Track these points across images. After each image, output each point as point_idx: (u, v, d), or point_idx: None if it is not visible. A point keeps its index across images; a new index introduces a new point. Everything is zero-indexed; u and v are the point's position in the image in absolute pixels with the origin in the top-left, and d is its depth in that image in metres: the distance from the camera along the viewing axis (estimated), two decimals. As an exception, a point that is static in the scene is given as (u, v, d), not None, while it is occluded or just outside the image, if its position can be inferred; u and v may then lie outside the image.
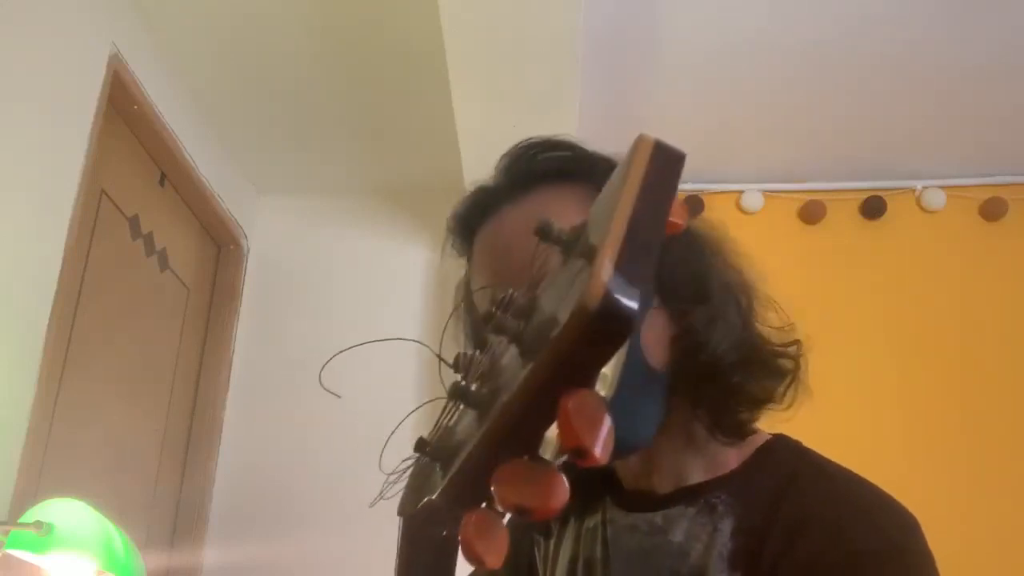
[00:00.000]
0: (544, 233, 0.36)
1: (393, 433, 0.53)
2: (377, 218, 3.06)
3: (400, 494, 0.48)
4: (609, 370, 0.32)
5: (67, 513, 1.52)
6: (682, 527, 0.73)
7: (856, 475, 0.72)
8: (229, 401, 2.85)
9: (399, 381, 2.58)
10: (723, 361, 0.72)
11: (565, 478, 0.33)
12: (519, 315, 0.35)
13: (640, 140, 0.34)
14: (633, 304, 0.29)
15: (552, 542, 0.87)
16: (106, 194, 2.27)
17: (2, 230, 1.78)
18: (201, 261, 2.86)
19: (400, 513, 0.45)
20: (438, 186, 2.90)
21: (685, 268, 0.74)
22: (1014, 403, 2.52)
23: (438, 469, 0.39)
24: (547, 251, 0.36)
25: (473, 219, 0.82)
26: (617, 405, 0.69)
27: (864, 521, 0.67)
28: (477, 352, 0.40)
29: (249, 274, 3.01)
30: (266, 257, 3.04)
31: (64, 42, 2.01)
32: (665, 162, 0.34)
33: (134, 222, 2.43)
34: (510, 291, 0.36)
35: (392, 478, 0.48)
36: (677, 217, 0.35)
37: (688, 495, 0.74)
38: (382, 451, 0.52)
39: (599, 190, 0.70)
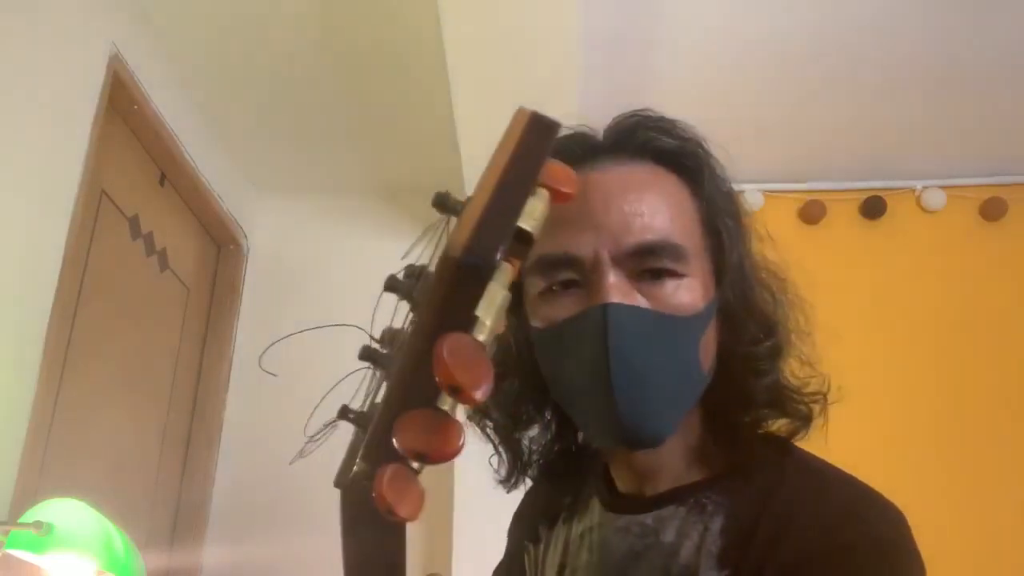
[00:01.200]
0: (441, 203, 0.38)
1: (321, 401, 0.55)
2: (377, 218, 3.06)
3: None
4: (489, 319, 0.35)
5: (67, 513, 1.52)
6: (673, 527, 0.73)
7: (844, 472, 0.73)
8: (229, 401, 2.85)
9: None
10: (761, 396, 0.75)
11: (462, 426, 0.36)
12: (415, 278, 0.38)
13: (518, 112, 0.38)
14: (491, 250, 0.33)
15: (540, 548, 0.87)
16: (106, 194, 2.27)
17: (2, 230, 1.78)
18: (201, 261, 2.86)
19: (336, 484, 0.46)
20: (438, 186, 2.86)
21: (759, 294, 0.77)
22: (1013, 402, 2.52)
23: (361, 433, 0.41)
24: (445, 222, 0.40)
25: (579, 155, 0.77)
26: (659, 389, 0.69)
27: (851, 517, 0.67)
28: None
29: (249, 274, 3.01)
30: (266, 257, 3.04)
31: (64, 42, 2.00)
32: (538, 132, 0.37)
33: (134, 222, 2.43)
34: (418, 264, 0.40)
35: (312, 438, 0.50)
36: (566, 186, 0.38)
37: (679, 495, 0.75)
38: (309, 418, 0.53)
39: (703, 196, 0.74)
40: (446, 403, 0.35)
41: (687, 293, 0.70)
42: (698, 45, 2.33)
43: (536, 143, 0.37)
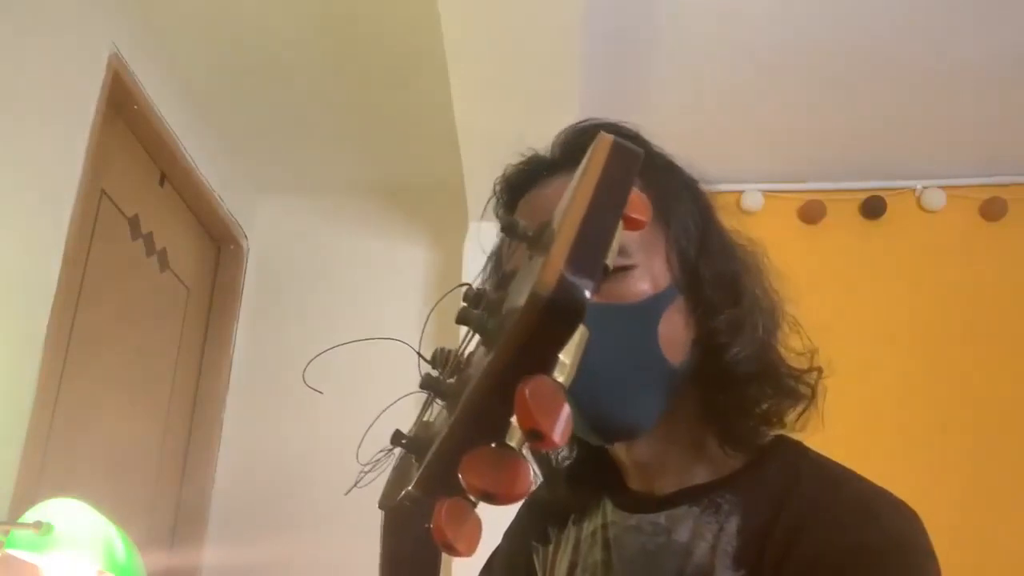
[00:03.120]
0: (510, 230, 0.37)
1: (371, 426, 0.54)
2: (377, 218, 3.06)
3: (381, 487, 0.49)
4: (568, 358, 0.34)
5: (67, 513, 1.52)
6: (687, 526, 0.73)
7: (857, 474, 0.73)
8: (229, 401, 2.85)
9: (399, 381, 2.58)
10: (739, 370, 0.74)
11: (530, 465, 0.34)
12: (489, 309, 0.37)
13: (600, 139, 0.37)
14: (584, 291, 0.31)
15: (551, 549, 0.87)
16: (106, 194, 2.27)
17: (2, 230, 1.78)
18: (201, 261, 2.86)
19: (381, 506, 0.46)
20: (438, 186, 2.90)
21: (718, 271, 0.76)
22: (1015, 402, 2.52)
23: (415, 461, 0.40)
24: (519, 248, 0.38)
25: (522, 183, 0.82)
26: (615, 381, 0.69)
27: (867, 517, 0.67)
28: (456, 349, 0.41)
29: (249, 274, 3.01)
30: (266, 257, 3.04)
31: (64, 42, 2.00)
32: (622, 161, 0.36)
33: (134, 222, 2.43)
34: (480, 286, 0.38)
35: (367, 468, 0.49)
36: (639, 213, 0.37)
37: (692, 495, 0.75)
38: (360, 443, 0.52)
39: (648, 186, 0.70)
40: (513, 439, 0.35)
41: (633, 282, 0.72)
42: (698, 46, 2.33)
43: (621, 173, 0.36)
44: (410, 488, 0.39)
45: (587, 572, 0.79)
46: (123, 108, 2.27)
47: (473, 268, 2.95)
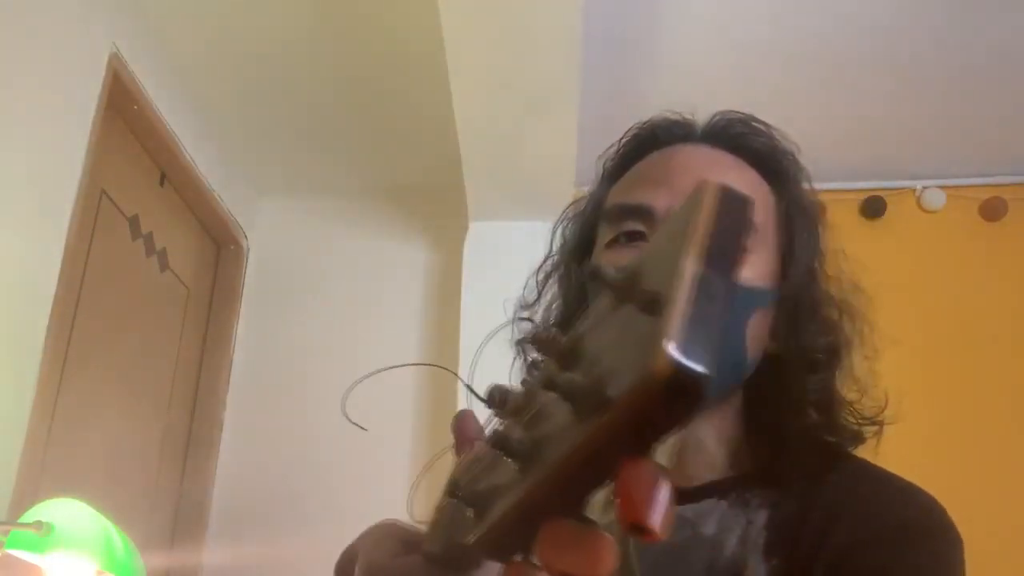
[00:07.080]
0: (595, 274, 0.33)
1: (420, 478, 0.53)
2: (377, 218, 3.06)
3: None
4: (672, 436, 0.30)
5: (67, 513, 1.52)
6: (713, 520, 0.73)
7: (887, 470, 0.76)
8: (229, 401, 2.85)
9: (401, 381, 2.58)
10: (810, 392, 0.75)
11: (613, 541, 0.32)
12: (562, 360, 0.33)
13: (705, 185, 0.32)
14: (705, 370, 0.27)
15: None
16: (106, 194, 2.27)
17: (2, 230, 1.78)
18: (201, 261, 2.86)
19: (426, 549, 0.44)
20: (438, 186, 2.90)
21: (826, 305, 0.79)
22: (1014, 403, 2.52)
23: (470, 513, 0.38)
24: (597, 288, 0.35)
25: (675, 134, 0.81)
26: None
27: (900, 501, 0.71)
28: (519, 384, 0.38)
29: (249, 274, 3.01)
30: (266, 257, 3.04)
31: (64, 42, 2.00)
32: (733, 209, 0.31)
33: (134, 222, 2.43)
34: (553, 331, 0.34)
35: (427, 520, 0.48)
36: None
37: (719, 489, 0.75)
38: (410, 496, 0.51)
39: (779, 194, 0.76)
40: (594, 511, 0.32)
41: (745, 267, 0.72)
42: (699, 45, 2.33)
43: (734, 223, 0.31)
44: (469, 541, 0.37)
45: None
46: (123, 108, 2.27)
47: (472, 269, 2.93)
